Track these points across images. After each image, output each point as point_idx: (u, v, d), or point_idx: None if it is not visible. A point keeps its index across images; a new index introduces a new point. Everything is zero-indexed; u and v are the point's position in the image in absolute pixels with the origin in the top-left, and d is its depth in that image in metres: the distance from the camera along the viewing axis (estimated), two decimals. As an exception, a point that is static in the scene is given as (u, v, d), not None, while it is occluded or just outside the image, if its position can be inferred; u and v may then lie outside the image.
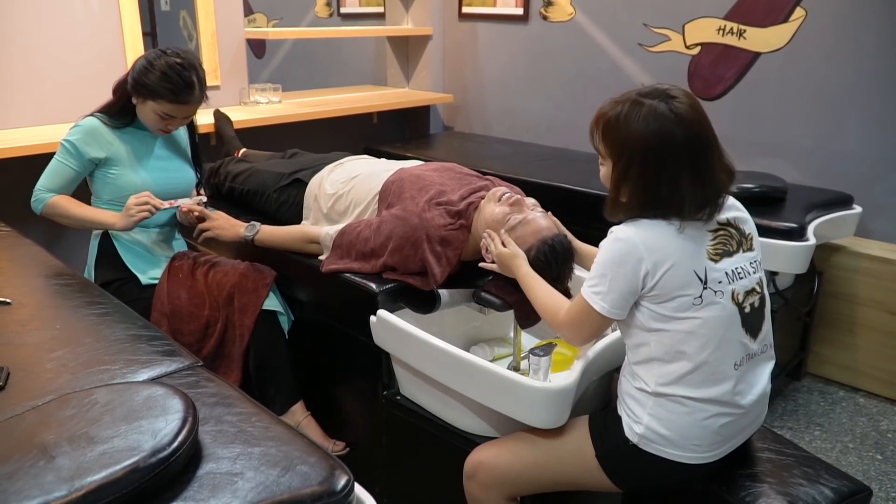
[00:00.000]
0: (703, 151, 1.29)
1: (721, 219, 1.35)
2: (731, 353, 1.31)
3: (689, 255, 1.29)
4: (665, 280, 1.28)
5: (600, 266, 1.33)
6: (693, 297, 1.28)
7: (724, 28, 3.03)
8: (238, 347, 1.99)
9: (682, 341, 1.29)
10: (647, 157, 1.28)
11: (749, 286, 1.35)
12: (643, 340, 1.34)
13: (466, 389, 1.53)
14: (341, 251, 1.87)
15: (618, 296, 1.31)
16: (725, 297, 1.30)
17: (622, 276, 1.29)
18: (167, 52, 1.91)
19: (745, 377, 1.34)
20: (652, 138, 1.27)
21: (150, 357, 1.38)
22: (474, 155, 3.40)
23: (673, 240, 1.29)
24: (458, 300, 1.79)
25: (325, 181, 2.10)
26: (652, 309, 1.31)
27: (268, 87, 3.50)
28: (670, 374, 1.30)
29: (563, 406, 1.41)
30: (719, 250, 1.33)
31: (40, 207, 1.97)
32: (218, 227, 2.06)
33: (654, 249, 1.28)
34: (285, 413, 2.03)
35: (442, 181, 1.91)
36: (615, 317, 1.33)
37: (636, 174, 1.30)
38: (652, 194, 1.29)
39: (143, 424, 1.02)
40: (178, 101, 1.91)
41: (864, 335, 2.70)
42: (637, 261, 1.28)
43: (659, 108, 1.27)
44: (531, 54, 3.73)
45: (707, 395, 1.30)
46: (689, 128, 1.27)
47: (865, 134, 2.75)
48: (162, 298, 1.97)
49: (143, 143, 2.03)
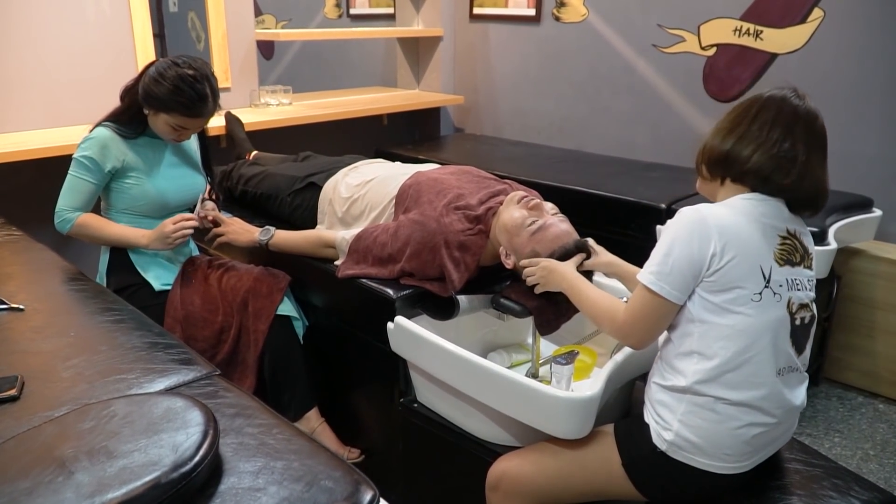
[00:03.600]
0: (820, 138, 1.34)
1: (790, 228, 1.32)
2: (775, 359, 1.27)
3: (757, 248, 1.26)
4: (729, 267, 1.23)
5: (663, 245, 1.28)
6: (752, 292, 1.24)
7: (740, 29, 2.99)
8: (252, 353, 1.97)
9: (729, 337, 1.25)
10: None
11: (804, 300, 1.31)
12: (688, 331, 1.29)
13: (487, 399, 1.50)
14: (358, 256, 1.84)
15: (679, 277, 1.25)
16: (782, 301, 1.27)
17: (687, 255, 1.24)
18: (179, 63, 1.85)
19: (784, 388, 1.30)
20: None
21: (166, 366, 1.35)
22: (486, 157, 3.37)
23: (746, 227, 1.26)
24: (476, 306, 1.76)
25: (339, 185, 2.07)
26: (706, 297, 1.26)
27: (278, 88, 3.48)
28: (709, 370, 1.26)
29: (587, 416, 1.38)
30: (784, 256, 1.29)
31: (68, 227, 1.93)
32: (232, 232, 2.03)
33: (726, 231, 1.24)
34: (300, 419, 2.00)
35: (460, 185, 1.89)
36: (677, 300, 1.27)
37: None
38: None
39: (164, 438, 0.99)
40: (192, 114, 1.88)
41: (883, 340, 2.66)
42: (706, 237, 1.24)
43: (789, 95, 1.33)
44: (543, 55, 3.70)
45: (743, 398, 1.26)
46: (811, 112, 1.33)
47: (884, 136, 2.71)
48: (175, 304, 1.94)
49: (155, 150, 2.00)
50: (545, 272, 1.60)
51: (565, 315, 1.70)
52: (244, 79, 3.33)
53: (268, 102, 3.42)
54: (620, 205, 2.60)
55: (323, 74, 4.98)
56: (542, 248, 1.64)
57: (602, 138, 3.51)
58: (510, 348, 1.94)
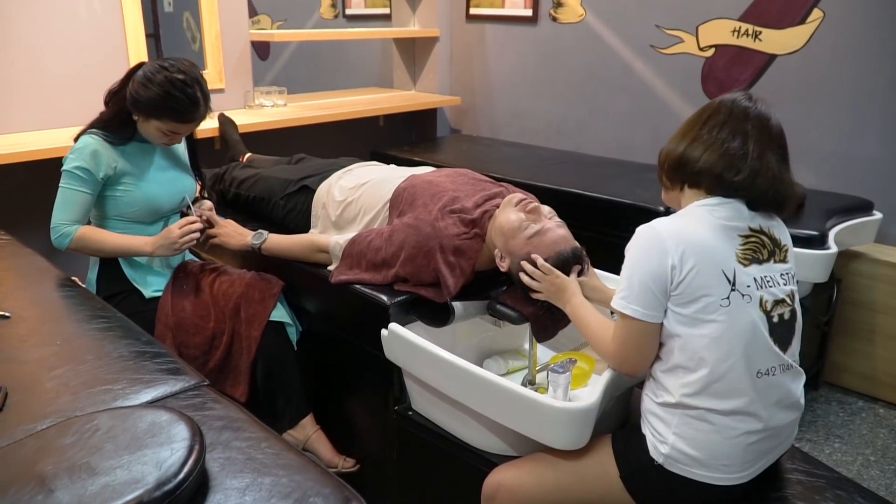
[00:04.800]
0: (775, 138, 1.32)
1: (754, 225, 1.30)
2: (756, 361, 1.25)
3: (717, 253, 1.25)
4: (692, 276, 1.23)
5: (626, 267, 1.29)
6: (720, 298, 1.23)
7: (739, 29, 2.97)
8: (245, 360, 1.93)
9: (706, 347, 1.24)
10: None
11: (778, 296, 1.29)
12: (669, 347, 1.29)
13: (483, 408, 1.47)
14: (351, 261, 1.81)
15: (646, 295, 1.25)
16: (753, 302, 1.25)
17: (648, 272, 1.24)
18: (167, 67, 1.80)
19: (774, 389, 1.28)
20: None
21: (153, 376, 1.32)
22: (482, 158, 3.34)
23: (702, 233, 1.25)
24: (472, 312, 1.73)
25: (333, 188, 2.04)
26: (677, 311, 1.26)
27: (273, 89, 3.44)
28: (694, 383, 1.25)
29: (585, 426, 1.35)
30: (748, 256, 1.28)
31: (67, 242, 1.84)
32: (225, 235, 2.00)
33: (681, 241, 1.24)
34: (295, 427, 1.97)
35: (455, 188, 1.86)
36: (653, 319, 1.26)
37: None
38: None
39: (147, 454, 0.96)
40: (183, 119, 1.83)
41: (883, 344, 2.63)
42: (662, 251, 1.24)
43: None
44: (540, 56, 3.67)
45: (732, 406, 1.24)
46: (762, 113, 1.32)
47: (885, 137, 2.69)
48: (166, 311, 1.91)
49: (144, 155, 1.95)
50: (552, 287, 1.56)
51: (562, 322, 1.67)
52: (238, 80, 3.30)
53: (262, 104, 3.38)
54: (618, 207, 2.57)
55: (319, 75, 4.94)
56: (538, 252, 1.61)
57: (600, 140, 3.48)
58: (506, 354, 1.91)
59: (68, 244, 1.85)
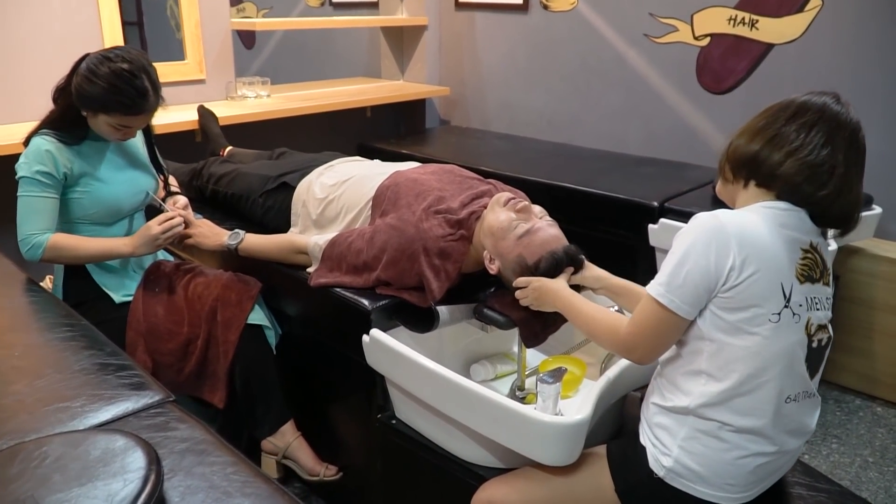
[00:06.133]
0: (861, 153, 1.20)
1: (814, 240, 1.21)
2: (788, 385, 1.17)
3: (779, 263, 1.14)
4: (749, 283, 1.12)
5: (676, 254, 1.17)
6: (771, 312, 1.13)
7: (735, 18, 2.88)
8: (222, 365, 1.85)
9: (742, 360, 1.15)
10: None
11: (822, 321, 1.21)
12: (697, 349, 1.19)
13: (468, 420, 1.40)
14: (331, 263, 1.72)
15: (692, 290, 1.14)
16: (801, 323, 1.16)
17: (703, 267, 1.13)
18: (111, 58, 1.68)
19: (795, 416, 1.20)
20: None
21: (116, 391, 1.24)
22: (472, 151, 3.26)
23: (769, 239, 1.14)
24: (457, 317, 1.65)
25: (314, 185, 1.95)
26: (719, 315, 1.15)
27: (256, 80, 3.33)
28: (718, 393, 1.16)
29: (576, 442, 1.28)
30: (805, 273, 1.18)
31: (39, 253, 1.72)
32: (200, 235, 1.91)
33: (746, 243, 1.13)
34: (275, 434, 1.90)
35: (441, 186, 1.77)
36: (687, 315, 1.16)
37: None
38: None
39: (98, 486, 0.88)
40: (133, 112, 1.72)
41: (881, 341, 2.58)
42: (724, 248, 1.12)
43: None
44: (531, 45, 3.58)
45: (751, 424, 1.16)
46: (854, 122, 1.19)
47: (886, 130, 2.61)
48: (137, 317, 1.81)
49: (100, 152, 1.83)
50: (536, 293, 1.48)
51: (553, 326, 1.60)
52: (220, 70, 3.19)
53: (245, 95, 3.28)
54: (611, 203, 2.49)
55: (306, 65, 4.84)
56: (529, 253, 1.53)
57: (593, 132, 3.40)
58: (495, 358, 1.84)
59: (42, 255, 1.72)
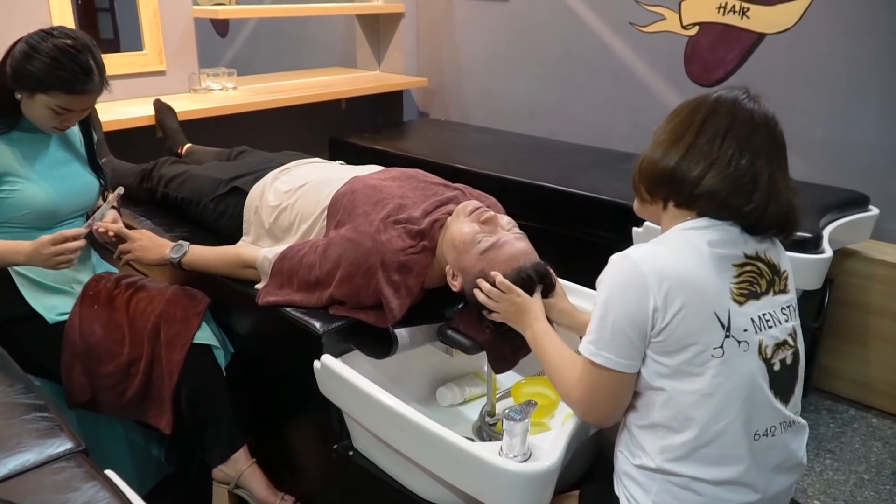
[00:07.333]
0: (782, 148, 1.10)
1: (749, 251, 1.08)
2: (756, 421, 1.05)
3: (708, 290, 1.03)
4: (677, 321, 1.01)
5: (598, 305, 1.07)
6: (711, 347, 1.02)
7: (725, 6, 2.73)
8: (167, 387, 1.69)
9: (695, 406, 1.03)
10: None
11: (780, 338, 1.08)
12: (648, 400, 1.08)
13: (427, 463, 1.25)
14: (281, 279, 1.57)
15: (623, 341, 1.04)
16: (752, 349, 1.04)
17: (625, 315, 1.03)
18: (53, 34, 1.55)
19: (775, 450, 1.08)
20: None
21: (20, 439, 1.08)
22: (451, 146, 3.10)
23: (692, 267, 1.03)
24: (419, 339, 1.50)
25: (267, 191, 1.79)
26: (659, 361, 1.05)
27: (222, 71, 3.15)
28: (679, 446, 1.05)
29: (544, 489, 1.14)
30: (745, 290, 1.06)
31: None
32: (140, 248, 1.74)
33: (665, 279, 1.02)
34: (226, 461, 1.75)
35: (402, 193, 1.62)
36: (628, 369, 1.06)
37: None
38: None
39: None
40: (75, 90, 1.56)
41: (877, 348, 2.45)
42: (642, 290, 1.02)
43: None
44: (513, 33, 3.41)
45: (724, 476, 1.04)
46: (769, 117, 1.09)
47: (883, 124, 2.48)
48: (73, 338, 1.64)
49: (34, 146, 1.67)
50: (513, 308, 1.33)
51: (523, 349, 1.45)
52: (181, 61, 3.00)
53: (210, 87, 3.10)
54: (593, 203, 2.34)
55: (281, 53, 4.65)
56: (493, 269, 1.38)
57: (576, 125, 3.24)
58: (463, 380, 1.69)
59: None
